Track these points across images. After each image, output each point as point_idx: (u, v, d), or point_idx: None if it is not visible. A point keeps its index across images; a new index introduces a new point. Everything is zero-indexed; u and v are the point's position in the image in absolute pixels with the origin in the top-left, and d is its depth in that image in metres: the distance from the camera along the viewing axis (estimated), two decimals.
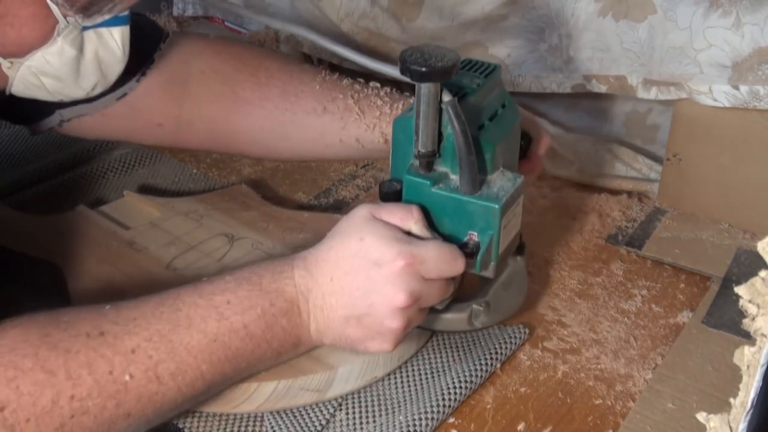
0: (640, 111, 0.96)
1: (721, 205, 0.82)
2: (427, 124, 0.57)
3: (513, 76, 0.93)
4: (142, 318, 0.52)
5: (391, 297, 0.55)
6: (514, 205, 0.60)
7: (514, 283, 0.66)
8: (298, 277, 0.56)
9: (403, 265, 0.55)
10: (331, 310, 0.57)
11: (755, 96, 0.74)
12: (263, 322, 0.55)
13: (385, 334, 0.57)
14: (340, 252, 0.56)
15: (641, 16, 0.80)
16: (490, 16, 0.90)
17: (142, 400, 0.50)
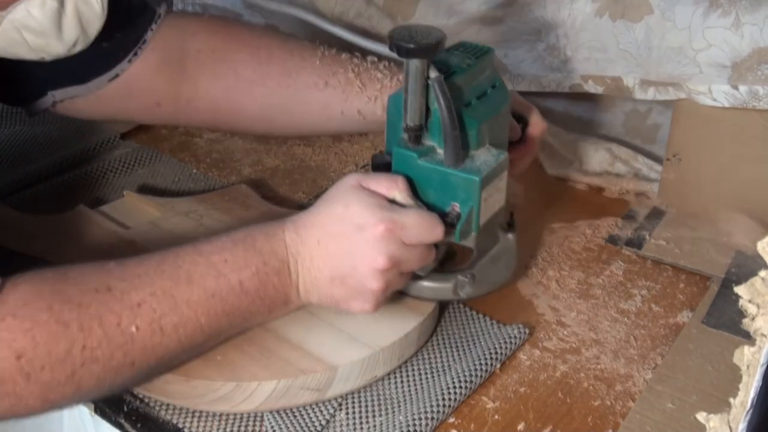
0: (641, 110, 0.96)
1: (721, 205, 0.82)
2: (415, 99, 0.60)
3: (512, 76, 0.93)
4: (145, 274, 0.55)
5: (372, 259, 0.58)
6: (496, 180, 0.63)
7: (503, 258, 0.68)
8: (288, 239, 0.60)
9: (384, 229, 0.58)
10: (317, 271, 0.60)
11: (754, 96, 0.74)
12: (257, 280, 0.58)
13: (366, 295, 0.60)
14: (326, 217, 0.60)
15: (638, 16, 0.80)
16: (486, 17, 0.90)
17: (147, 350, 0.54)
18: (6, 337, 0.48)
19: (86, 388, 0.52)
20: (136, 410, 0.61)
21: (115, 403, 0.62)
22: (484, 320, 0.69)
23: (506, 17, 0.89)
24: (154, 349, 0.54)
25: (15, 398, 0.49)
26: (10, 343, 0.48)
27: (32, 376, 0.49)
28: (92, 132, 0.98)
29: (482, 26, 0.91)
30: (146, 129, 1.02)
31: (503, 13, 0.89)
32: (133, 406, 0.61)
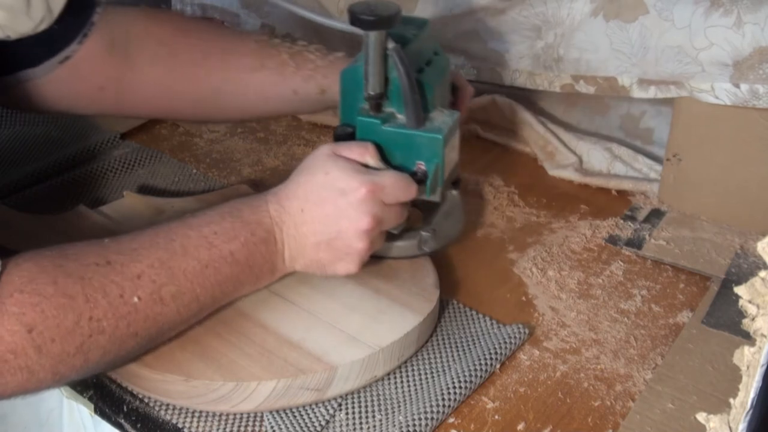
0: (634, 114, 0.97)
1: (721, 205, 0.82)
2: (375, 69, 0.65)
3: (511, 71, 0.93)
4: (142, 248, 0.57)
5: (358, 220, 0.62)
6: (453, 138, 0.69)
7: (453, 212, 0.74)
8: (272, 210, 0.63)
9: (366, 191, 0.62)
10: (302, 238, 0.63)
11: (755, 95, 0.74)
12: (246, 250, 0.61)
13: (353, 255, 0.64)
14: (308, 186, 0.63)
15: (632, 16, 0.80)
16: (487, 9, 0.90)
17: (149, 320, 0.56)
18: (16, 312, 0.49)
19: (93, 360, 0.54)
20: (136, 410, 0.61)
21: (115, 403, 0.62)
22: (484, 320, 0.69)
23: (506, 13, 0.89)
24: (155, 318, 0.56)
25: (28, 372, 0.50)
26: (20, 318, 0.49)
27: (43, 348, 0.50)
28: (92, 132, 0.98)
29: (484, 16, 0.91)
30: (146, 129, 1.02)
31: (503, 7, 0.89)
32: (133, 406, 0.61)
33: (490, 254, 0.79)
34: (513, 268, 0.77)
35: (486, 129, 1.01)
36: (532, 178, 0.93)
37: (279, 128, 1.04)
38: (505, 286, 0.75)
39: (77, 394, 0.64)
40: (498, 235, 0.82)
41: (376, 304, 0.66)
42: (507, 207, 0.87)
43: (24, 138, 0.96)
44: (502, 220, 0.85)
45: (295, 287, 0.68)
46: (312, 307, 0.65)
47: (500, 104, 0.99)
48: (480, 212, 0.86)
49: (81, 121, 1.00)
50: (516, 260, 0.78)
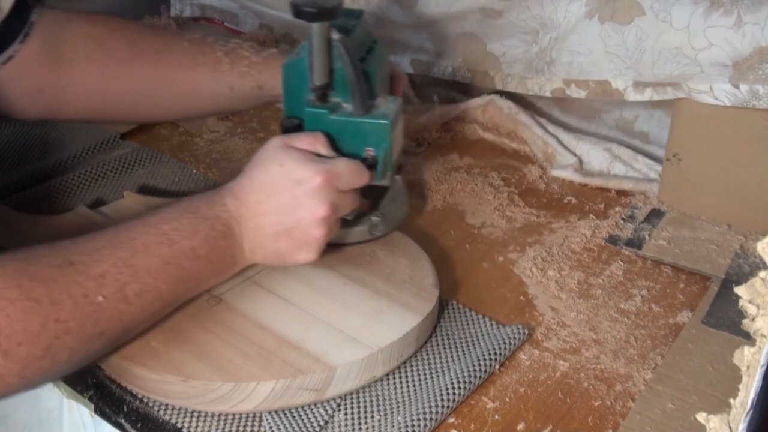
0: (627, 118, 0.96)
1: (721, 205, 0.82)
2: (320, 60, 0.66)
3: (503, 75, 0.93)
4: (103, 248, 0.57)
5: (315, 209, 0.63)
6: (398, 123, 0.71)
7: (398, 197, 0.75)
8: (229, 204, 0.64)
9: (322, 180, 0.63)
10: (261, 230, 0.64)
11: (755, 95, 0.74)
12: (207, 245, 0.62)
13: (311, 243, 0.65)
14: (264, 178, 0.64)
15: (628, 18, 0.79)
16: (485, 9, 0.90)
17: (114, 319, 0.56)
18: None
19: (61, 361, 0.54)
20: (136, 410, 0.61)
21: (115, 403, 0.62)
22: (483, 321, 0.69)
23: (504, 15, 0.89)
24: (121, 317, 0.57)
25: None
26: None
27: (10, 352, 0.50)
28: (92, 132, 0.98)
29: (483, 18, 0.91)
30: (146, 129, 1.02)
31: (501, 9, 0.89)
32: (133, 407, 0.61)
33: (490, 254, 0.79)
34: (513, 268, 0.77)
35: (486, 129, 1.01)
36: (532, 178, 0.93)
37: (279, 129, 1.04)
38: (505, 286, 0.75)
39: (77, 394, 0.64)
40: (498, 235, 0.82)
41: (375, 305, 0.66)
42: (507, 207, 0.87)
43: (24, 138, 0.96)
44: (502, 220, 0.85)
45: (294, 287, 0.68)
46: (311, 308, 0.65)
47: (499, 105, 0.99)
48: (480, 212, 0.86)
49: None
50: (516, 260, 0.78)
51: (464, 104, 1.01)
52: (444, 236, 0.82)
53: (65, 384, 0.64)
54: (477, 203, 0.88)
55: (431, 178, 0.92)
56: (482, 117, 1.02)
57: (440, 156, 0.97)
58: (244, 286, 0.68)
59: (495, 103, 1.00)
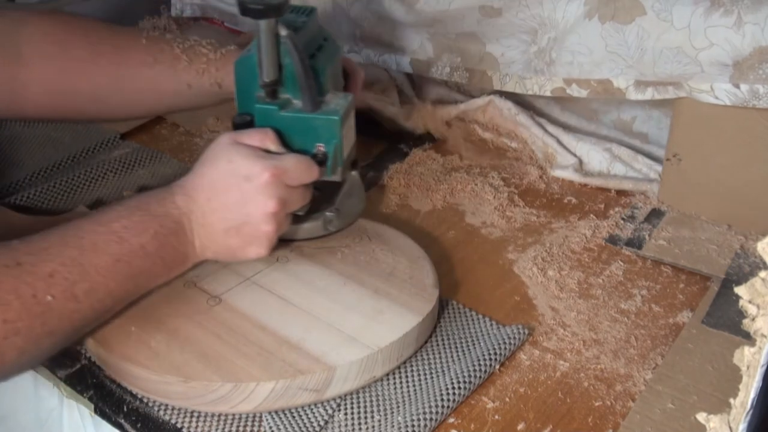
0: (625, 119, 0.96)
1: (721, 205, 0.82)
2: (269, 56, 0.67)
3: (501, 75, 0.93)
4: (52, 247, 0.58)
5: (263, 204, 0.64)
6: (349, 119, 0.71)
7: (355, 192, 0.76)
8: (179, 201, 0.64)
9: (270, 176, 0.64)
10: (211, 227, 0.65)
11: (755, 95, 0.74)
12: (157, 242, 0.62)
13: (261, 239, 0.66)
14: (213, 175, 0.65)
15: (629, 18, 0.79)
16: (484, 7, 0.90)
17: (63, 318, 0.57)
18: None
19: (9, 361, 0.54)
20: (136, 410, 0.61)
21: (115, 404, 0.62)
22: (483, 321, 0.69)
23: (503, 15, 0.89)
24: (70, 316, 0.57)
25: None
26: None
27: None
28: (92, 132, 0.98)
29: (482, 16, 0.91)
30: (146, 129, 1.02)
31: (500, 7, 0.89)
32: (133, 407, 0.61)
33: (490, 254, 0.79)
34: (513, 268, 0.77)
35: (486, 129, 1.01)
36: (532, 178, 0.93)
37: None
38: (505, 286, 0.75)
39: (77, 394, 0.64)
40: (498, 235, 0.82)
41: (375, 305, 0.66)
42: (507, 207, 0.87)
43: (24, 138, 0.96)
44: (502, 220, 0.85)
45: (294, 287, 0.68)
46: (311, 308, 0.65)
47: (499, 105, 0.99)
48: (480, 212, 0.86)
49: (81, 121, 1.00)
50: (516, 260, 0.78)
51: (464, 105, 1.01)
52: (444, 236, 0.82)
53: (65, 384, 0.64)
54: (477, 203, 0.88)
55: (431, 178, 0.92)
56: (482, 117, 1.02)
57: (440, 156, 0.97)
58: (244, 287, 0.68)
59: (494, 104, 0.99)
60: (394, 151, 0.99)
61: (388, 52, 1.03)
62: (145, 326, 0.63)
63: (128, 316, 0.65)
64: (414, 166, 0.95)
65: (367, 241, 0.75)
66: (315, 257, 0.72)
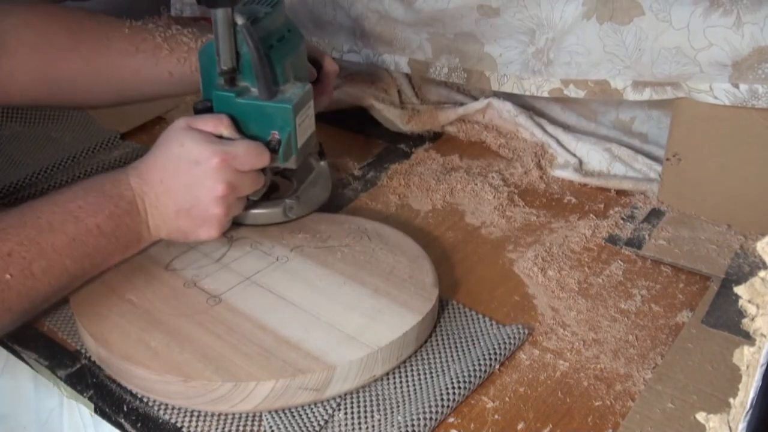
0: (624, 120, 0.96)
1: (721, 205, 0.82)
2: (225, 44, 0.69)
3: (499, 75, 0.93)
4: (9, 227, 0.60)
5: (212, 188, 0.67)
6: (306, 107, 0.73)
7: (320, 181, 0.80)
8: (133, 183, 0.67)
9: (219, 161, 0.66)
10: (164, 207, 0.67)
11: (754, 95, 0.74)
12: (112, 222, 0.65)
13: (211, 221, 0.68)
14: (165, 158, 0.67)
15: (627, 18, 0.79)
16: (482, 7, 0.90)
17: (21, 295, 0.59)
18: None
19: None
20: (136, 410, 0.61)
21: (115, 403, 0.62)
22: (483, 320, 0.69)
23: (501, 15, 0.89)
24: (28, 293, 0.60)
25: None
26: None
27: None
28: (92, 132, 0.99)
29: (480, 16, 0.91)
30: (146, 129, 1.02)
31: (498, 7, 0.89)
32: (133, 406, 0.61)
33: (490, 254, 0.79)
34: (513, 268, 0.77)
35: (486, 129, 1.01)
36: (532, 178, 0.93)
37: None
38: (505, 285, 0.75)
39: (77, 394, 0.64)
40: (498, 234, 0.82)
41: (375, 304, 0.66)
42: (507, 207, 0.87)
43: (24, 138, 0.96)
44: (502, 219, 0.85)
45: (294, 287, 0.68)
46: (310, 307, 0.65)
47: (498, 108, 0.99)
48: (480, 212, 0.86)
49: (81, 120, 1.00)
50: (516, 260, 0.78)
51: (462, 109, 1.01)
52: (444, 236, 0.82)
53: (65, 384, 0.64)
54: (477, 203, 0.88)
55: (431, 178, 0.92)
56: (482, 118, 1.02)
57: (440, 156, 0.97)
58: (244, 287, 0.68)
59: (493, 106, 1.00)
60: (394, 151, 0.99)
61: (388, 52, 1.03)
62: (145, 326, 0.63)
63: (128, 316, 0.65)
64: (414, 166, 0.95)
65: (366, 240, 0.75)
66: (315, 257, 0.72)
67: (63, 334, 0.69)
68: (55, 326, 0.70)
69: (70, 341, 0.68)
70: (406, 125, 1.01)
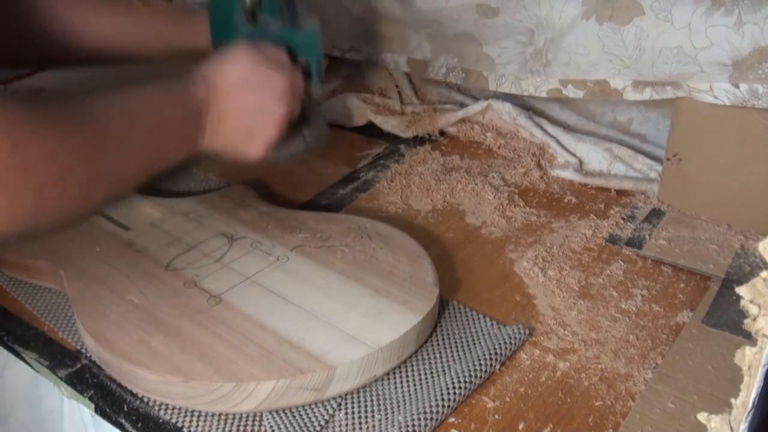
0: (621, 121, 0.96)
1: (721, 205, 0.82)
2: None
3: (497, 76, 0.93)
4: (101, 110, 0.58)
5: (277, 109, 0.69)
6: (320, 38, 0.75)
7: (321, 114, 0.81)
8: (201, 91, 0.66)
9: (288, 83, 0.69)
10: (226, 120, 0.67)
11: (754, 94, 0.74)
12: (179, 123, 0.65)
13: (264, 142, 0.70)
14: (235, 72, 0.68)
15: (627, 18, 0.79)
16: (481, 6, 0.90)
17: (117, 172, 0.58)
18: None
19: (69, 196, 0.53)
20: (137, 410, 0.61)
21: (115, 403, 0.62)
22: (484, 320, 0.69)
23: (500, 15, 0.89)
24: (117, 166, 0.58)
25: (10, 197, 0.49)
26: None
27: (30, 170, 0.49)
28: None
29: (479, 16, 0.91)
30: None
31: (497, 6, 0.89)
32: (134, 406, 0.61)
33: (490, 254, 0.79)
34: (513, 268, 0.77)
35: (486, 130, 1.01)
36: (532, 178, 0.93)
37: None
38: (505, 285, 0.75)
39: (78, 394, 0.64)
40: (498, 234, 0.82)
41: (375, 303, 0.66)
42: (507, 207, 0.87)
43: None
44: (502, 219, 0.85)
45: (294, 287, 0.68)
46: (311, 307, 0.65)
47: (497, 109, 0.99)
48: (480, 212, 0.86)
49: None
50: (516, 260, 0.78)
51: (462, 111, 1.01)
52: (444, 236, 0.82)
53: (65, 384, 0.64)
54: (477, 203, 0.88)
55: (431, 178, 0.92)
56: (482, 119, 1.02)
57: (440, 156, 0.97)
58: (245, 286, 0.68)
59: (492, 108, 1.00)
60: (394, 151, 0.99)
61: (387, 51, 1.03)
62: (146, 326, 0.63)
63: (128, 316, 0.65)
64: (414, 166, 0.95)
65: (367, 240, 0.75)
66: (315, 256, 0.72)
67: (63, 334, 0.69)
68: (55, 326, 0.70)
69: (70, 341, 0.68)
70: (405, 132, 1.02)
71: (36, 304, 0.72)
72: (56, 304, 0.72)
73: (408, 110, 1.05)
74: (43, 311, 0.71)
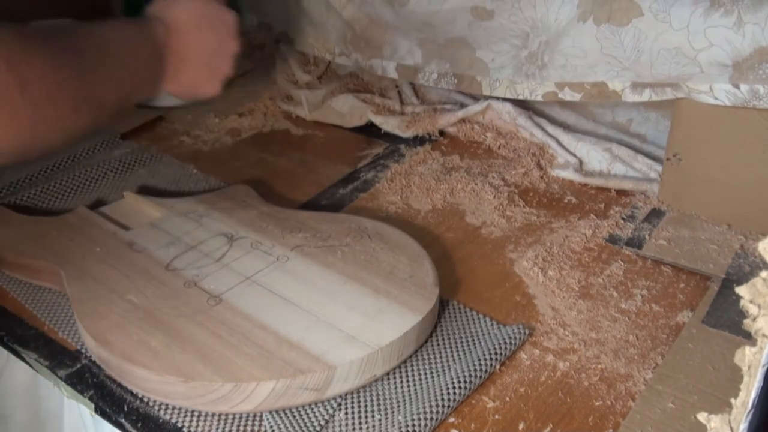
0: (620, 122, 0.96)
1: (721, 205, 0.82)
2: None
3: (491, 80, 0.93)
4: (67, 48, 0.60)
5: (231, 45, 0.74)
6: None
7: None
8: (161, 33, 0.69)
9: (236, 20, 0.73)
10: (185, 59, 0.71)
11: (755, 95, 0.74)
12: (144, 61, 0.68)
13: (219, 78, 0.74)
14: (189, 12, 0.71)
15: (625, 20, 0.79)
16: (476, 8, 0.89)
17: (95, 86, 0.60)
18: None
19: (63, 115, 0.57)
20: (137, 410, 0.61)
21: (115, 403, 0.62)
22: (484, 320, 0.69)
23: (495, 18, 0.89)
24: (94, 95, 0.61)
25: (9, 113, 0.52)
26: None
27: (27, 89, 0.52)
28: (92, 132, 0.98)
29: (474, 19, 0.91)
30: (146, 129, 1.02)
31: (492, 9, 0.89)
32: (134, 406, 0.61)
33: (490, 254, 0.79)
34: (513, 268, 0.77)
35: (486, 130, 1.01)
36: (532, 178, 0.93)
37: None
38: (505, 285, 0.75)
39: (77, 394, 0.64)
40: (498, 234, 0.82)
41: (375, 303, 0.66)
42: (507, 207, 0.87)
43: None
44: (502, 219, 0.85)
45: (294, 287, 0.68)
46: (311, 307, 0.65)
47: (497, 109, 0.99)
48: (480, 212, 0.86)
49: None
50: (516, 260, 0.78)
51: (462, 112, 1.01)
52: (444, 236, 0.82)
53: (65, 384, 0.64)
54: (477, 203, 0.88)
55: (431, 178, 0.92)
56: (482, 119, 1.02)
57: (440, 156, 0.97)
58: (244, 286, 0.68)
59: (492, 108, 1.00)
60: (394, 151, 0.99)
61: (376, 57, 1.02)
62: (146, 326, 0.63)
63: (128, 316, 0.65)
64: (414, 166, 0.95)
65: (367, 239, 0.75)
66: (315, 256, 0.72)
67: (63, 334, 0.69)
68: (55, 326, 0.70)
69: (70, 341, 0.68)
70: (405, 132, 1.02)
71: (36, 304, 0.72)
72: (56, 304, 0.72)
73: (408, 110, 1.05)
74: (43, 311, 0.71)
